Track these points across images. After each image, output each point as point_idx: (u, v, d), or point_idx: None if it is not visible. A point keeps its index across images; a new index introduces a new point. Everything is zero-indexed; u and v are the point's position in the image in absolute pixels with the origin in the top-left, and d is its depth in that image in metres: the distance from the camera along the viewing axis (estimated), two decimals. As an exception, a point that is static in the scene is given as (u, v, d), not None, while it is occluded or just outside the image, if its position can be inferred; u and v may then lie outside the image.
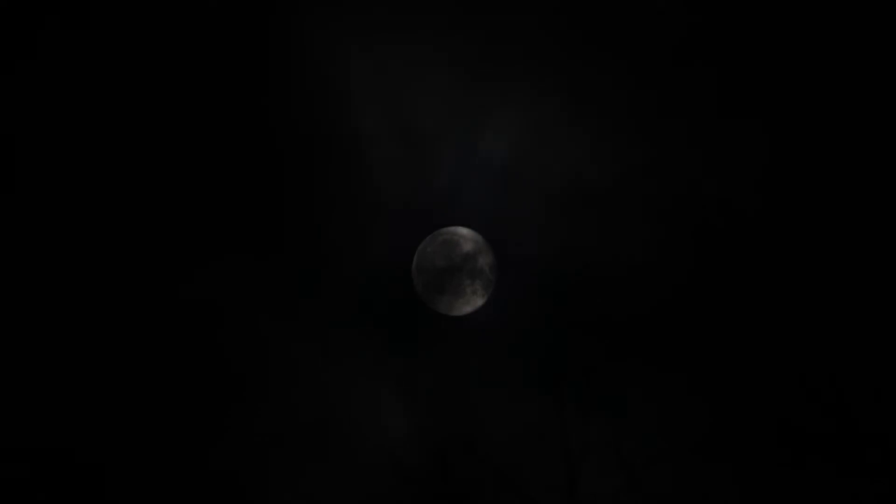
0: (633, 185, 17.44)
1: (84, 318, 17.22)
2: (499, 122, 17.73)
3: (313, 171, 17.76)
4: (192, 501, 16.79)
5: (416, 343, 17.78)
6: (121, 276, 17.35)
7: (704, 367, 16.98)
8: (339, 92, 17.73)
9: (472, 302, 17.98)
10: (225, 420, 17.17)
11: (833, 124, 17.16)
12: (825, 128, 17.19)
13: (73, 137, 17.38)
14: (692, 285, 17.09)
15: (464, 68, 17.68)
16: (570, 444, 17.18)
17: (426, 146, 17.78)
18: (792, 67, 17.32)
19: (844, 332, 16.87)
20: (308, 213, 17.70)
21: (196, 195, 17.55)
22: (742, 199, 17.20)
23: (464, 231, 18.03)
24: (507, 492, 17.18)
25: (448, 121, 17.74)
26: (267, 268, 17.49)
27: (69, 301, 17.22)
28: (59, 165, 17.36)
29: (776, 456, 16.79)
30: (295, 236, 17.63)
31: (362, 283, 17.67)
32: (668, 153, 17.38)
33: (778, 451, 16.80)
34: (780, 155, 17.18)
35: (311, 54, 17.69)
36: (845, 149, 17.13)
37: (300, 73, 17.70)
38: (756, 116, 17.25)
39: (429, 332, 17.90)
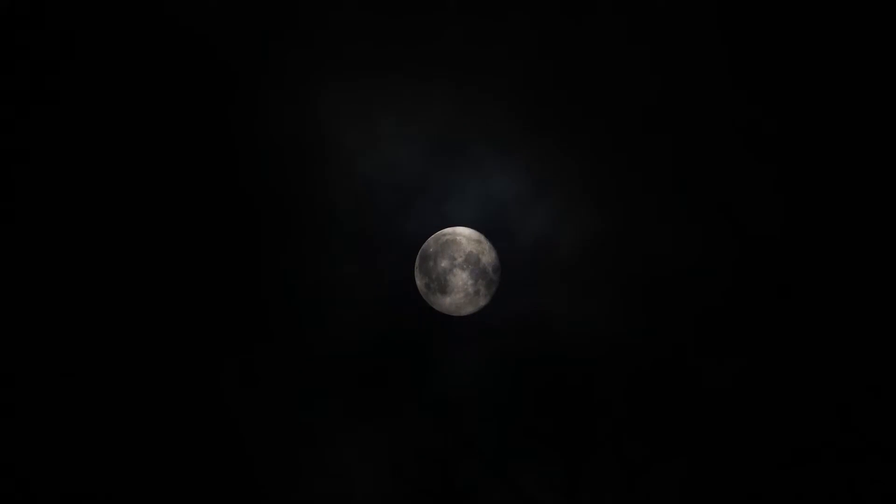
0: (604, 253, 17.56)
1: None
2: (470, 188, 17.93)
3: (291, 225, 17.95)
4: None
5: (418, 348, 17.89)
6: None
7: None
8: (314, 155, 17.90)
9: (474, 302, 17.97)
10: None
11: (810, 198, 17.22)
12: (799, 201, 17.23)
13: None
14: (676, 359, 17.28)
15: (436, 132, 17.86)
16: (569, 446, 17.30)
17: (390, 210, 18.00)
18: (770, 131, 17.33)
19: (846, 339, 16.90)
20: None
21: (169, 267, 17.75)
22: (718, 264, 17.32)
23: (466, 231, 18.03)
24: (508, 492, 17.28)
25: (420, 181, 17.93)
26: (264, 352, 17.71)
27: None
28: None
29: (776, 456, 16.82)
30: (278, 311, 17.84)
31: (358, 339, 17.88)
32: (642, 221, 17.49)
33: (778, 451, 16.83)
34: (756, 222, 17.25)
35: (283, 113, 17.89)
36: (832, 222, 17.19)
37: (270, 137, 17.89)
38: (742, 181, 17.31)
39: (430, 333, 17.99)
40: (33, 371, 17.26)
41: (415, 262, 17.99)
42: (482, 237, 17.96)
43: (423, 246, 17.99)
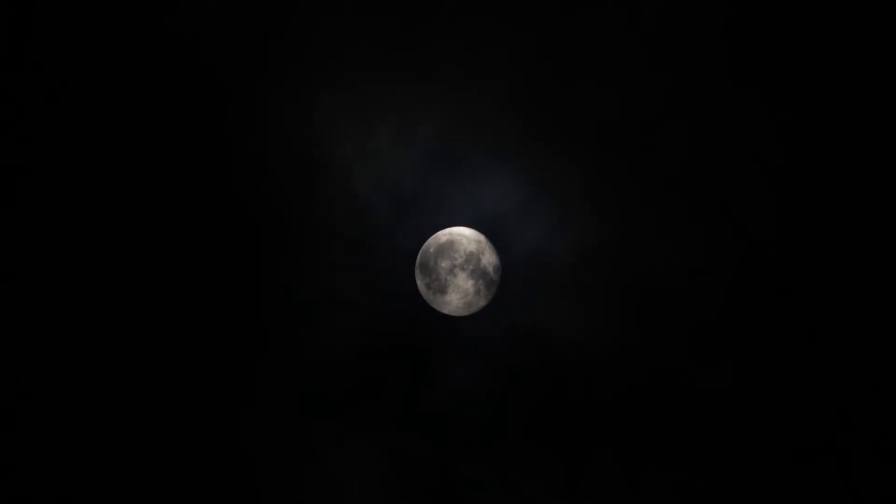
0: (603, 257, 17.59)
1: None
2: (469, 192, 17.99)
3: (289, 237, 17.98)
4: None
5: (418, 349, 17.92)
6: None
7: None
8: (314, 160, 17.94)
9: (475, 303, 17.98)
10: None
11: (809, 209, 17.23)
12: (800, 209, 17.24)
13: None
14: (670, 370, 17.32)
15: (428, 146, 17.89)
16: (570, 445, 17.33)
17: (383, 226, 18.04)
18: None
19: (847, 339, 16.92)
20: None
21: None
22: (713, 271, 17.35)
23: (466, 231, 18.04)
24: (507, 492, 17.30)
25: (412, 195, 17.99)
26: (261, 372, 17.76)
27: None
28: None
29: (776, 456, 16.83)
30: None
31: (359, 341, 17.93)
32: (642, 223, 17.51)
33: (778, 451, 16.84)
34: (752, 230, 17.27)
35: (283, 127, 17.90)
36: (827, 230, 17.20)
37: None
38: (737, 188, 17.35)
39: (430, 334, 18.01)
40: (31, 372, 17.31)
41: (414, 262, 18.01)
42: (482, 237, 17.97)
43: (423, 247, 18.00)
